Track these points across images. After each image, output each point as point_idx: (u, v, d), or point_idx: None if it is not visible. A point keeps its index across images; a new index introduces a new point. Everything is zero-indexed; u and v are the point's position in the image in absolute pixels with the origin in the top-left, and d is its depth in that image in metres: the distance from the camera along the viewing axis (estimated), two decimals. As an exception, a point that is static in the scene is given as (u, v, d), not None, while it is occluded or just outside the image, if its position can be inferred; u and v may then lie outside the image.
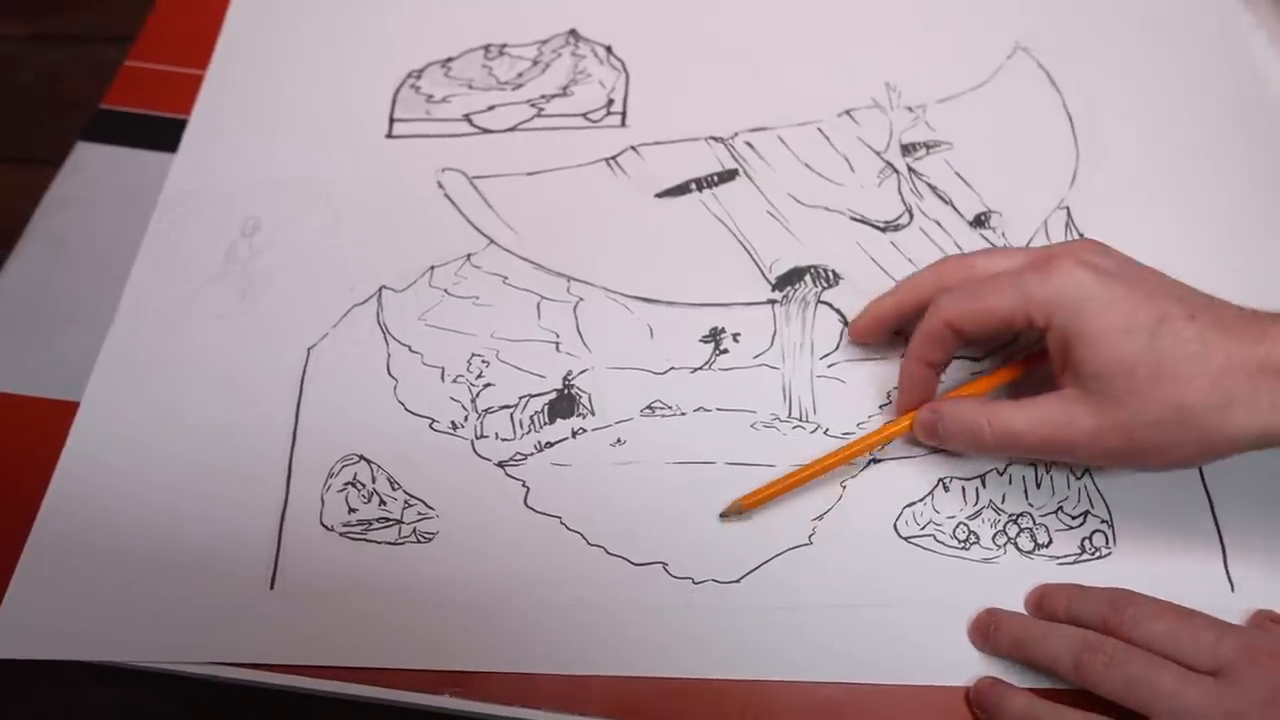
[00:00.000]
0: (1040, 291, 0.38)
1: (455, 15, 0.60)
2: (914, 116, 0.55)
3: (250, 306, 0.49)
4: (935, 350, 0.41)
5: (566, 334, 0.47)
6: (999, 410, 0.39)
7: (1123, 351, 0.36)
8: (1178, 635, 0.36)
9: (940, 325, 0.40)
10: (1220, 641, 0.35)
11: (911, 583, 0.41)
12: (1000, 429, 0.39)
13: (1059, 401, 0.38)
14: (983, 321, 0.39)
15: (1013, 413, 0.39)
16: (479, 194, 0.53)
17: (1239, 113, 0.54)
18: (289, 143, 0.55)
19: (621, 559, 0.42)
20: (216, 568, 0.42)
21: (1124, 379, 0.36)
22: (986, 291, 0.39)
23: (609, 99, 0.56)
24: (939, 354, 0.41)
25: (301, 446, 0.45)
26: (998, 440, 0.39)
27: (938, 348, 0.41)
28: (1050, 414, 0.38)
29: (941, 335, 0.40)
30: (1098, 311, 0.37)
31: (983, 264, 0.41)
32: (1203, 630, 0.36)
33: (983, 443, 0.39)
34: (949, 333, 0.40)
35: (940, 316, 0.40)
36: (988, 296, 0.39)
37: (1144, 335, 0.36)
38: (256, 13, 0.60)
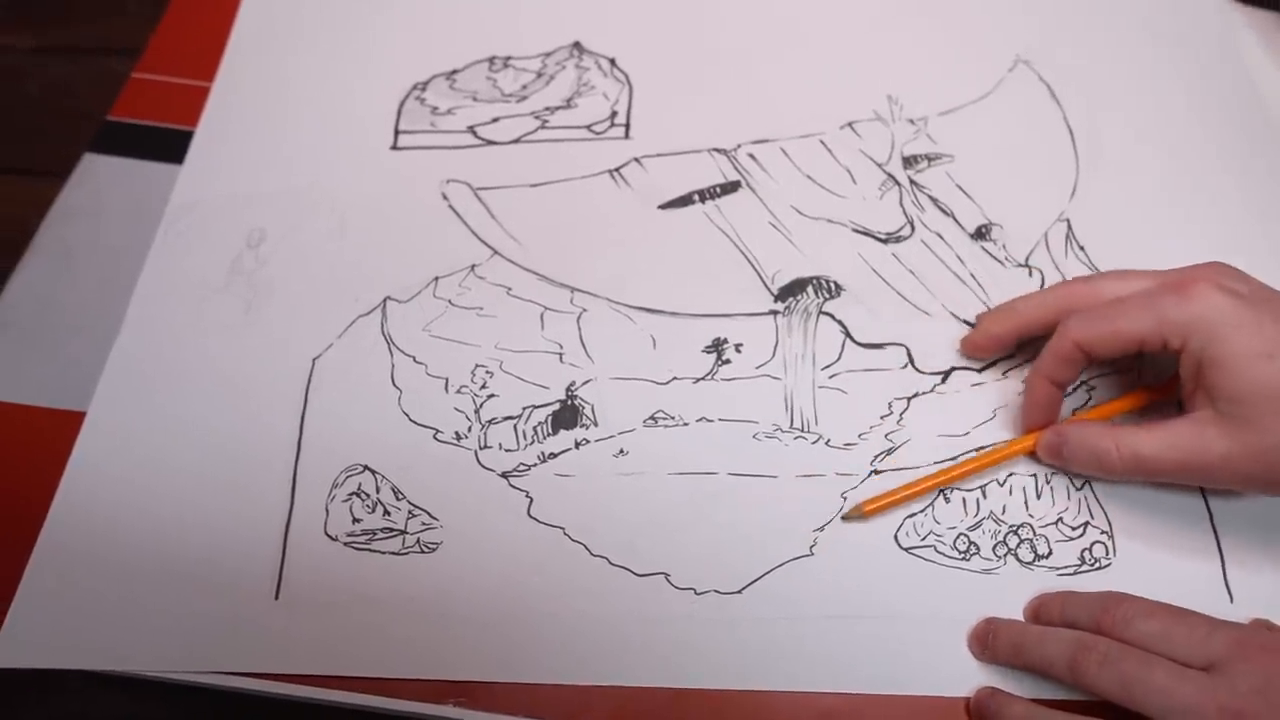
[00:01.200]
0: (1177, 314, 0.38)
1: (460, 28, 0.60)
2: (916, 129, 0.55)
3: (255, 317, 0.49)
4: (1063, 370, 0.41)
5: (570, 345, 0.48)
6: (1126, 435, 0.39)
7: (1260, 376, 0.36)
8: (1170, 632, 0.36)
9: (1070, 346, 0.40)
10: (1211, 637, 0.36)
11: (912, 594, 0.41)
12: (1129, 453, 0.39)
13: (1190, 425, 0.38)
14: (1115, 343, 0.40)
15: (1141, 437, 0.39)
16: (483, 205, 0.53)
17: (1239, 127, 0.54)
18: (294, 154, 0.55)
19: (624, 570, 0.42)
20: (221, 578, 0.42)
21: (1262, 403, 0.36)
22: (1119, 313, 0.40)
23: (612, 111, 0.57)
24: (1067, 374, 0.41)
25: (306, 457, 0.45)
26: (1126, 465, 0.39)
27: (1066, 368, 0.41)
28: (1181, 438, 0.38)
29: (1071, 356, 0.41)
30: (1235, 335, 0.37)
31: (1110, 286, 0.42)
32: (1194, 626, 0.36)
33: (1110, 467, 0.40)
34: (1079, 353, 0.40)
35: (1070, 337, 0.40)
36: (1120, 318, 0.39)
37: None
38: (263, 25, 0.61)
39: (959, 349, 0.47)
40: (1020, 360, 0.47)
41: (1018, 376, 0.46)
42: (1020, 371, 0.46)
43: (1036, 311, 0.43)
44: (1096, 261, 0.50)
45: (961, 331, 0.47)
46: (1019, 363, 0.47)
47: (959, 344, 0.47)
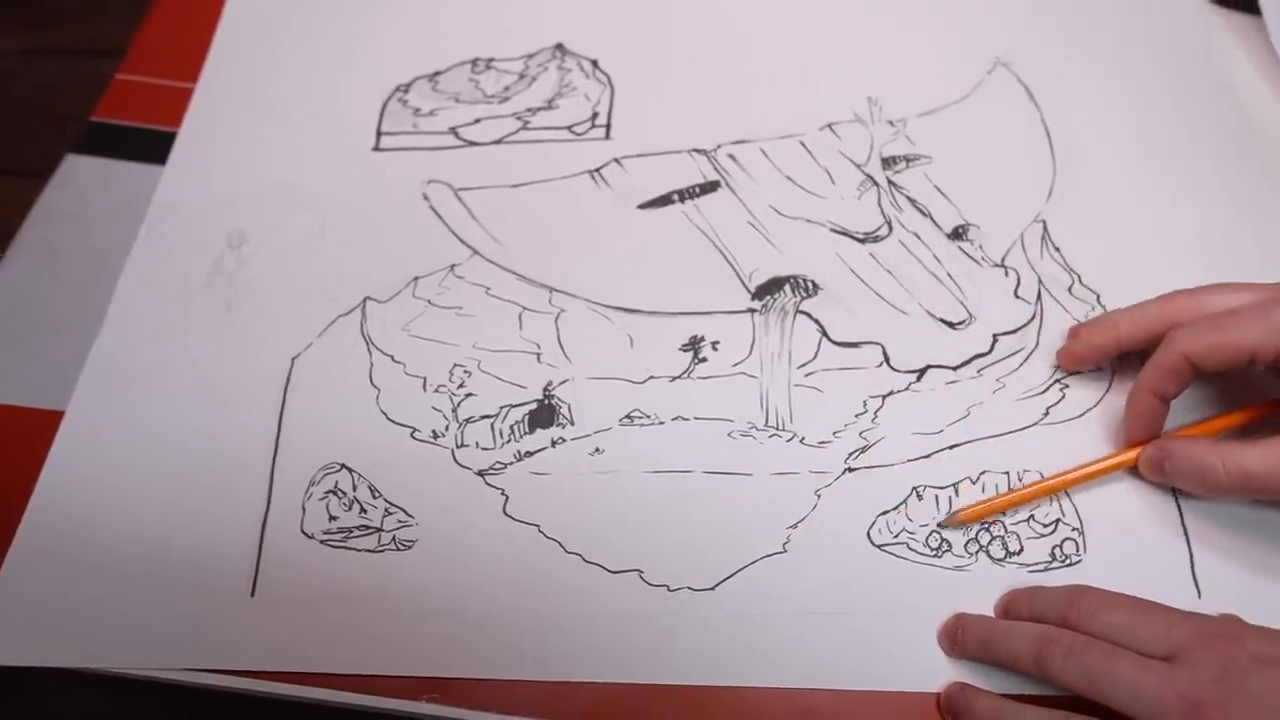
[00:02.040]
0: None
1: (443, 30, 0.61)
2: (895, 130, 0.55)
3: (236, 317, 0.49)
4: (1170, 384, 0.41)
5: (548, 344, 0.48)
6: (1233, 451, 0.39)
7: None
8: (1133, 624, 0.37)
9: (1178, 359, 0.40)
10: (1173, 627, 0.36)
11: (884, 590, 0.41)
12: (1236, 469, 0.38)
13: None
14: (1227, 354, 0.39)
15: (1249, 453, 0.38)
16: (463, 206, 0.53)
17: (1216, 129, 0.54)
18: (277, 156, 0.55)
19: (598, 566, 0.42)
20: (198, 575, 0.42)
21: None
22: (1232, 324, 0.39)
23: (594, 112, 0.57)
24: (1173, 387, 0.41)
25: (284, 455, 0.45)
26: (1233, 481, 0.39)
27: (1172, 381, 0.41)
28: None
29: (1178, 369, 0.40)
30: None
31: (1214, 298, 0.41)
32: (1156, 618, 0.37)
33: (1216, 484, 0.39)
34: (1187, 366, 0.40)
35: (1178, 350, 0.40)
36: (1231, 330, 0.39)
37: None
38: (247, 27, 0.61)
39: (1056, 361, 0.46)
40: (996, 358, 0.47)
41: (992, 375, 0.46)
42: (994, 370, 0.47)
43: (1137, 325, 0.43)
44: (1072, 262, 0.50)
45: (938, 330, 0.48)
46: (994, 361, 0.47)
47: (1056, 356, 0.46)
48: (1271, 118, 0.55)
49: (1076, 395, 0.46)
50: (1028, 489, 0.42)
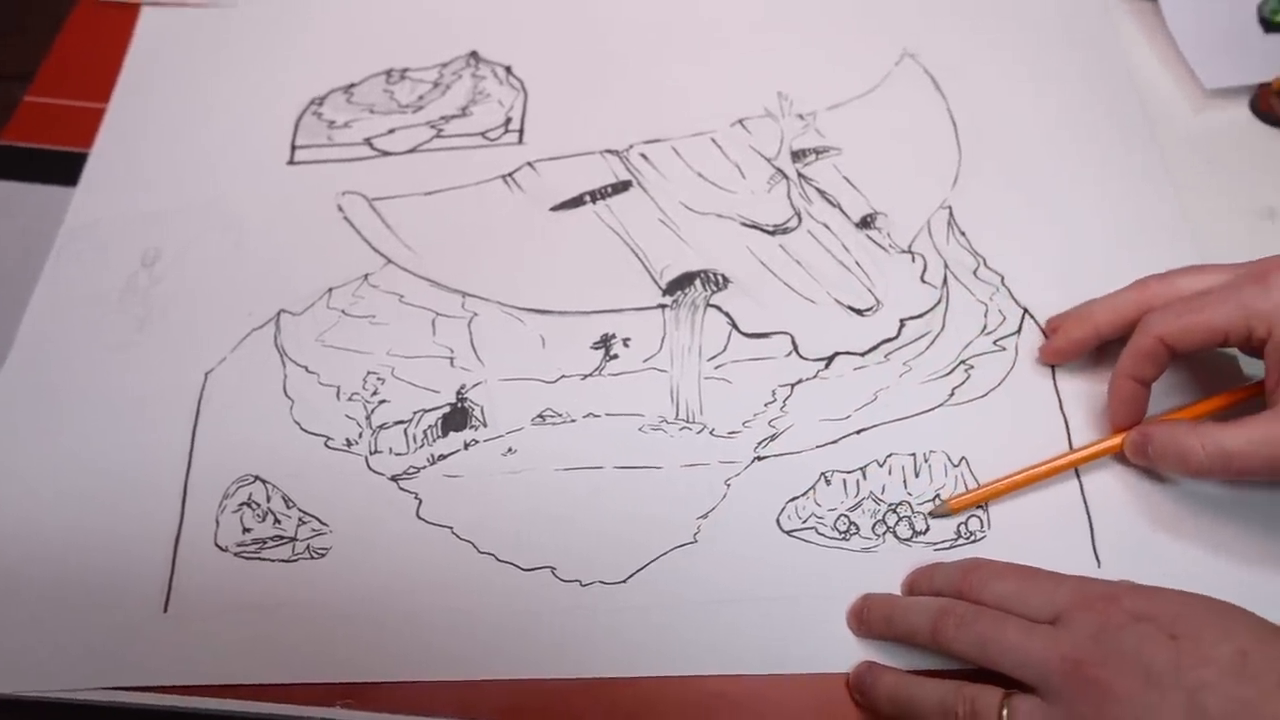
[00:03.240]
0: (1261, 303, 0.38)
1: (358, 41, 0.61)
2: (804, 124, 0.56)
3: (148, 335, 0.49)
4: (1147, 367, 0.41)
5: (460, 348, 0.48)
6: (1211, 432, 0.39)
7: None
8: (1021, 591, 0.37)
9: (1153, 342, 0.40)
10: (1057, 591, 0.37)
11: (794, 575, 0.42)
12: (1215, 450, 0.39)
13: (1276, 418, 0.38)
14: (1199, 335, 0.40)
15: (1226, 434, 0.39)
16: (378, 215, 0.53)
17: (1117, 115, 0.55)
18: (192, 173, 0.55)
19: (511, 565, 0.43)
20: (110, 594, 0.42)
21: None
22: (1203, 306, 0.40)
23: (507, 118, 0.58)
24: (1151, 370, 0.41)
25: (197, 470, 0.45)
26: (1212, 462, 0.39)
27: (1150, 364, 0.41)
28: (1269, 432, 0.38)
29: (1155, 352, 0.41)
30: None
31: (1185, 281, 0.42)
32: (1042, 583, 0.37)
33: (1196, 465, 0.39)
34: (1162, 349, 0.40)
35: (1153, 333, 0.40)
36: (1204, 310, 0.40)
37: None
38: (159, 45, 0.61)
39: (1039, 357, 0.46)
40: (903, 342, 0.48)
41: (899, 359, 0.47)
42: (901, 354, 0.47)
43: (1113, 313, 0.43)
44: (977, 246, 0.51)
45: (846, 318, 0.48)
46: (900, 345, 0.47)
47: (1038, 352, 0.46)
48: (1169, 100, 0.56)
49: (981, 375, 0.46)
50: (1015, 476, 0.43)
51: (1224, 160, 0.53)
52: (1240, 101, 0.55)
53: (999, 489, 0.43)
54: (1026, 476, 0.43)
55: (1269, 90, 0.54)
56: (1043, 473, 0.43)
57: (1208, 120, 0.55)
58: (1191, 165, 0.53)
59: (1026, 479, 0.43)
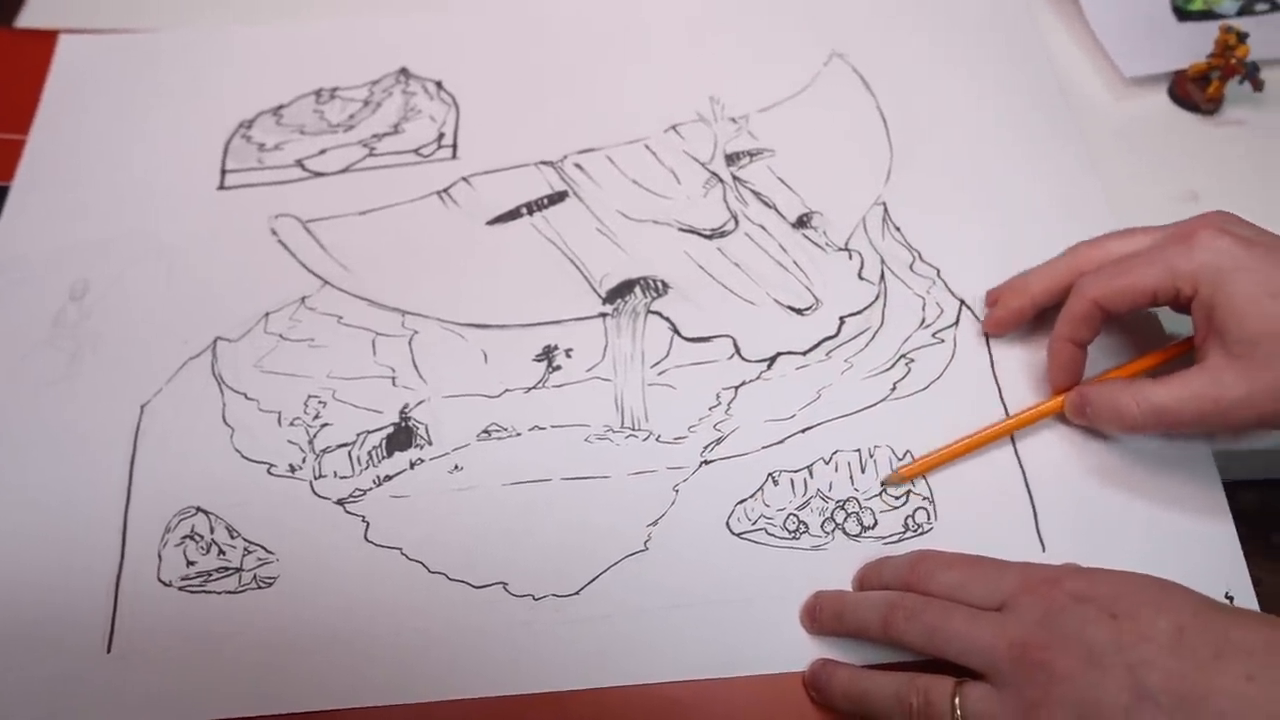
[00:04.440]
0: (1186, 263, 0.39)
1: (285, 62, 0.60)
2: (737, 127, 0.56)
3: (80, 369, 0.48)
4: (1083, 330, 0.42)
5: (402, 367, 0.48)
6: (1145, 389, 0.40)
7: (1272, 314, 0.37)
8: (967, 580, 0.38)
9: (1088, 305, 0.41)
10: (1002, 578, 0.37)
11: (746, 577, 0.42)
12: (1148, 407, 0.40)
13: (1207, 373, 0.39)
14: (1130, 296, 0.41)
15: (1159, 390, 0.40)
16: (313, 237, 0.53)
17: (1040, 103, 0.56)
18: (118, 202, 0.54)
19: (462, 583, 0.42)
20: (50, 636, 0.41)
21: (1272, 341, 0.37)
22: (1130, 268, 0.41)
23: (440, 133, 0.57)
24: (1087, 333, 0.42)
25: (136, 504, 0.45)
26: (1146, 418, 0.40)
27: (1085, 327, 0.42)
28: (1199, 387, 0.39)
29: (1089, 314, 0.42)
30: (1243, 277, 0.38)
31: (1117, 245, 0.43)
32: (987, 571, 0.38)
33: (1131, 422, 0.41)
34: (1096, 311, 0.41)
35: (1087, 296, 0.41)
36: (1132, 272, 0.41)
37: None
38: (80, 73, 0.60)
39: (983, 328, 0.47)
40: (843, 339, 0.48)
41: (840, 356, 0.48)
42: (841, 351, 0.48)
43: (1048, 280, 0.44)
44: (913, 241, 0.51)
45: (786, 318, 0.49)
46: (841, 342, 0.48)
47: (982, 324, 0.47)
48: (1090, 89, 0.57)
49: (921, 368, 0.47)
50: (963, 441, 0.43)
51: (1145, 146, 0.55)
52: (1159, 88, 0.57)
53: (947, 454, 0.43)
54: (974, 440, 0.43)
55: (1185, 77, 0.55)
56: (988, 435, 0.44)
57: (1128, 108, 0.56)
58: (1114, 152, 0.54)
59: (974, 443, 0.43)
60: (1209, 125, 0.55)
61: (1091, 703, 0.33)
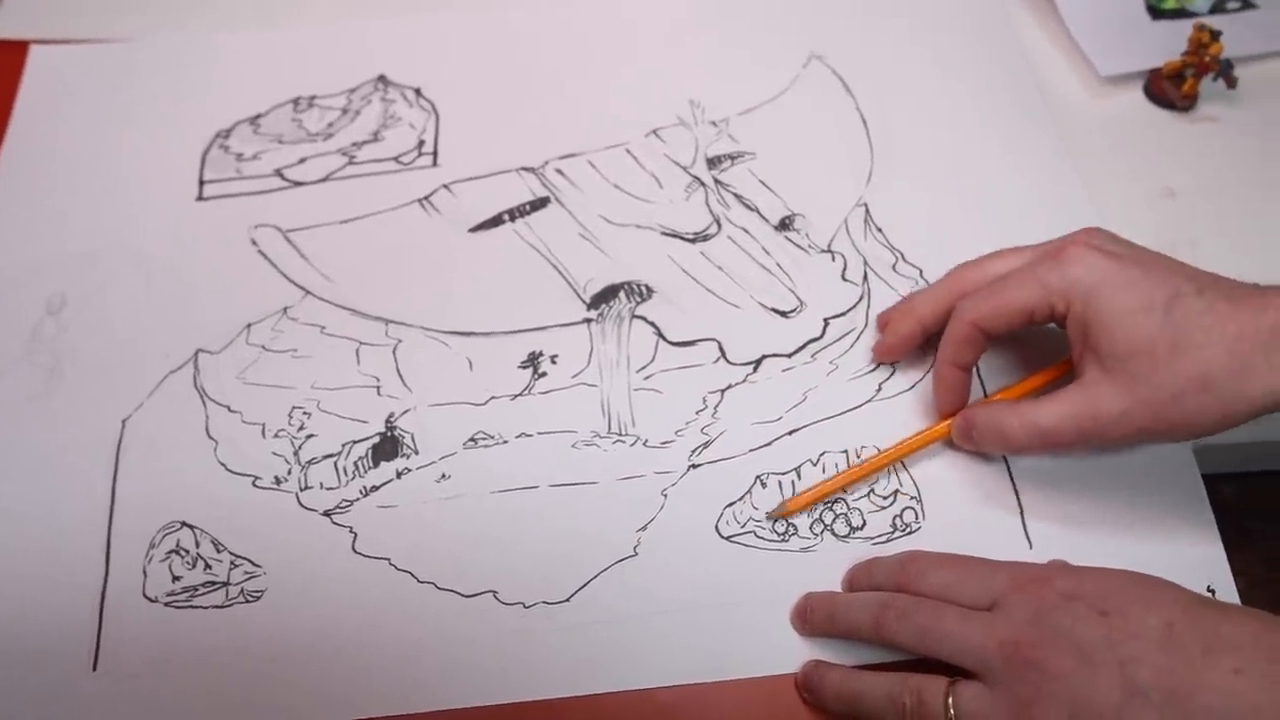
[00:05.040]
0: (1057, 280, 0.39)
1: (262, 71, 0.60)
2: (718, 130, 0.56)
3: (59, 385, 0.48)
4: (965, 352, 0.42)
5: (386, 376, 0.48)
6: (1025, 410, 0.40)
7: (1141, 329, 0.37)
8: (957, 580, 0.38)
9: (967, 328, 0.41)
10: (992, 577, 0.37)
11: (736, 580, 0.42)
12: (1029, 427, 0.40)
13: (1084, 390, 0.39)
14: (1006, 317, 0.41)
15: (1038, 410, 0.40)
16: (293, 247, 0.53)
17: (1017, 101, 0.56)
18: (94, 215, 0.54)
19: (452, 593, 0.42)
20: (35, 655, 0.41)
21: (1145, 356, 0.37)
22: (1005, 288, 0.41)
23: (420, 140, 0.57)
24: (969, 355, 0.42)
25: (120, 520, 0.44)
26: (1030, 438, 0.40)
27: (967, 349, 0.42)
28: (1076, 405, 0.39)
29: (970, 337, 0.42)
30: (1113, 293, 0.38)
31: (994, 265, 0.43)
32: (977, 571, 0.38)
33: (1015, 442, 0.40)
34: (976, 333, 0.41)
35: (965, 320, 0.41)
36: (1006, 292, 0.41)
37: (1159, 312, 0.37)
38: (53, 84, 0.59)
39: (873, 357, 0.47)
40: (828, 341, 0.48)
41: (826, 358, 0.48)
42: (827, 353, 0.48)
43: (932, 303, 0.44)
44: (895, 242, 0.51)
45: (771, 320, 0.49)
46: (826, 344, 0.48)
47: (872, 352, 0.47)
48: (1067, 88, 0.57)
49: (906, 368, 0.47)
50: (846, 473, 0.43)
51: (1123, 143, 0.55)
52: (1134, 86, 0.57)
53: (832, 487, 0.43)
54: (861, 469, 0.43)
55: (1161, 75, 0.56)
56: (875, 464, 0.43)
57: (1104, 106, 0.57)
58: (1092, 149, 0.55)
59: (860, 472, 0.43)
60: (1185, 122, 0.56)
61: (1084, 700, 0.33)
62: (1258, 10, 0.59)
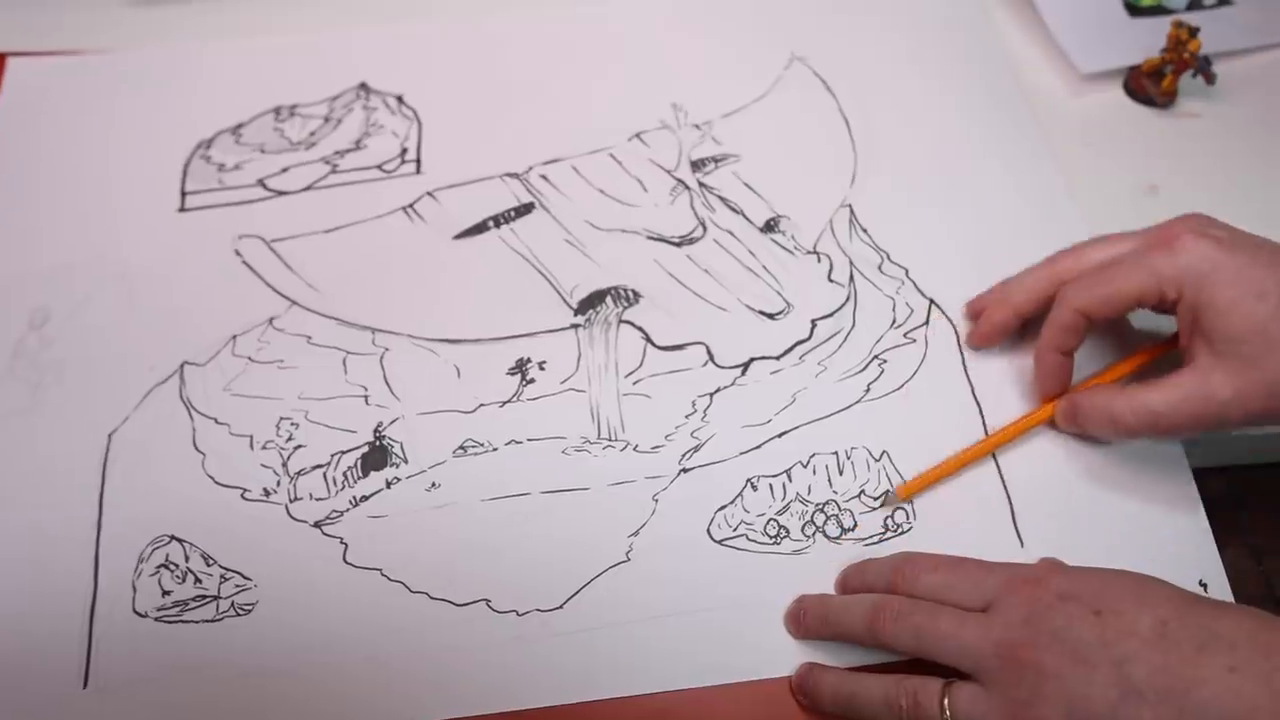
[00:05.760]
0: (1169, 267, 0.40)
1: (242, 80, 0.60)
2: (701, 133, 0.56)
3: (43, 400, 0.48)
4: (1068, 338, 0.43)
5: (374, 385, 0.47)
6: (1137, 394, 0.41)
7: (1256, 315, 0.38)
8: (952, 581, 0.38)
9: (1072, 314, 0.42)
10: (987, 579, 0.38)
11: (729, 584, 0.42)
12: (1142, 412, 0.40)
13: (1196, 374, 0.39)
14: (1115, 303, 0.41)
15: (1151, 394, 0.40)
16: (278, 257, 0.52)
17: (998, 100, 0.57)
18: (76, 228, 0.54)
19: (445, 602, 0.42)
20: (24, 673, 0.41)
21: (1259, 340, 0.38)
22: (1115, 275, 0.41)
23: (402, 148, 0.57)
24: (1073, 341, 0.43)
25: (108, 535, 0.44)
26: (1141, 423, 0.40)
27: (1071, 335, 0.42)
28: (1190, 389, 0.39)
29: (1074, 323, 0.42)
30: (1227, 280, 0.39)
31: (1096, 253, 0.43)
32: (971, 572, 0.38)
33: (1126, 427, 0.41)
34: (1081, 319, 0.42)
35: (1071, 306, 0.42)
36: (1117, 279, 0.41)
37: (1274, 297, 0.38)
38: (31, 96, 0.59)
39: (967, 343, 0.47)
40: (816, 342, 0.48)
41: (814, 359, 0.48)
42: (815, 354, 0.48)
43: (1031, 290, 0.45)
44: (880, 242, 0.52)
45: (758, 323, 0.49)
46: (814, 345, 0.48)
47: (966, 338, 0.47)
48: (1047, 86, 0.58)
49: (895, 369, 0.47)
50: (961, 455, 0.43)
51: (1104, 140, 0.55)
52: (1114, 83, 0.57)
53: (948, 468, 0.43)
54: (972, 453, 0.44)
55: (1140, 72, 0.56)
56: (985, 447, 0.44)
57: (1085, 103, 0.57)
58: (1074, 146, 0.55)
59: (971, 455, 0.44)
60: (1165, 118, 0.56)
61: (1080, 699, 0.33)
62: (1234, 6, 0.59)
